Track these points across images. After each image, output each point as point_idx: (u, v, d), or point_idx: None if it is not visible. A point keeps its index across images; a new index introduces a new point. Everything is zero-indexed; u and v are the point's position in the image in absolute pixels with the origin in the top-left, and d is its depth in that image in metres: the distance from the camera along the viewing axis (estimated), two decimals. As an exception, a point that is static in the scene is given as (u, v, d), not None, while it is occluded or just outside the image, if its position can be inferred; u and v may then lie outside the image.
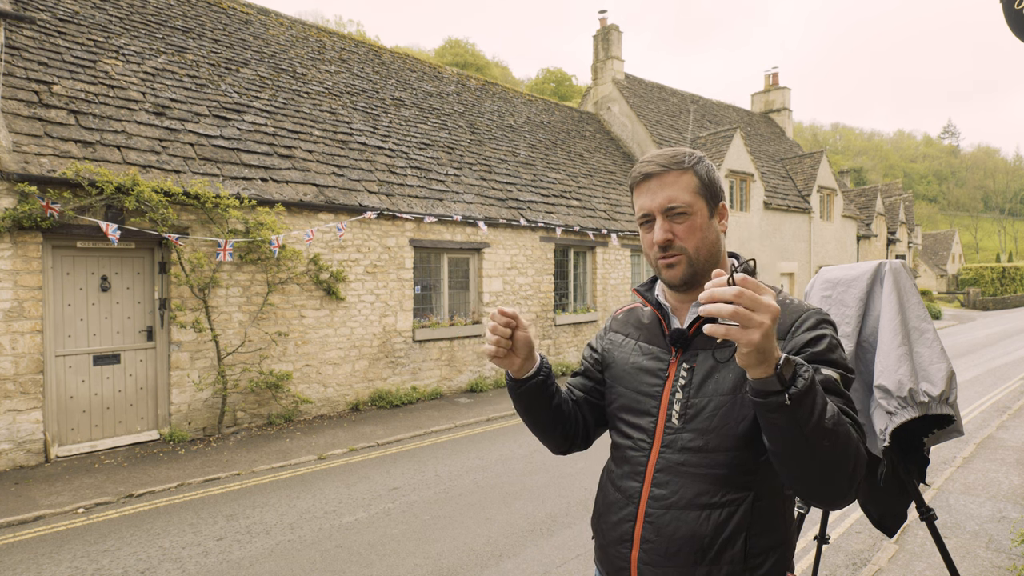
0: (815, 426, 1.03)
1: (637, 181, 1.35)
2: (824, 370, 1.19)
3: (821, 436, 1.04)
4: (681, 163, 1.32)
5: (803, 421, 1.02)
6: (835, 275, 2.62)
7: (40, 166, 6.06)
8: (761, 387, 1.02)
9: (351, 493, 5.37)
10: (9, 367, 5.89)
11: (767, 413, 1.04)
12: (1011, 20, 3.20)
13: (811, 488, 1.12)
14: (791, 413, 1.01)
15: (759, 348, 0.96)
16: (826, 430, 1.04)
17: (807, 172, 20.48)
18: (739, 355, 0.99)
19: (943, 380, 2.30)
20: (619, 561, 1.33)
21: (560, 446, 1.53)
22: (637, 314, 1.51)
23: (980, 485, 5.36)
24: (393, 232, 9.04)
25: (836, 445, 1.05)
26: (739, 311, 0.94)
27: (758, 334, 0.95)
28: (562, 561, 4.06)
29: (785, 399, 1.01)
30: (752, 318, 0.94)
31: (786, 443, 1.06)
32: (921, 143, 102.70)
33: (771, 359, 0.99)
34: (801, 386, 1.01)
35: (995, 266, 42.71)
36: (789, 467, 1.10)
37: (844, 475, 1.09)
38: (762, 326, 0.95)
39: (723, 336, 0.96)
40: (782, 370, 1.00)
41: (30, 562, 4.06)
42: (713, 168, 1.38)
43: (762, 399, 1.03)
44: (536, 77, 59.99)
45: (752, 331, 0.95)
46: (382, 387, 8.85)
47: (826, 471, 1.08)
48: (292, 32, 12.64)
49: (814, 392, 1.02)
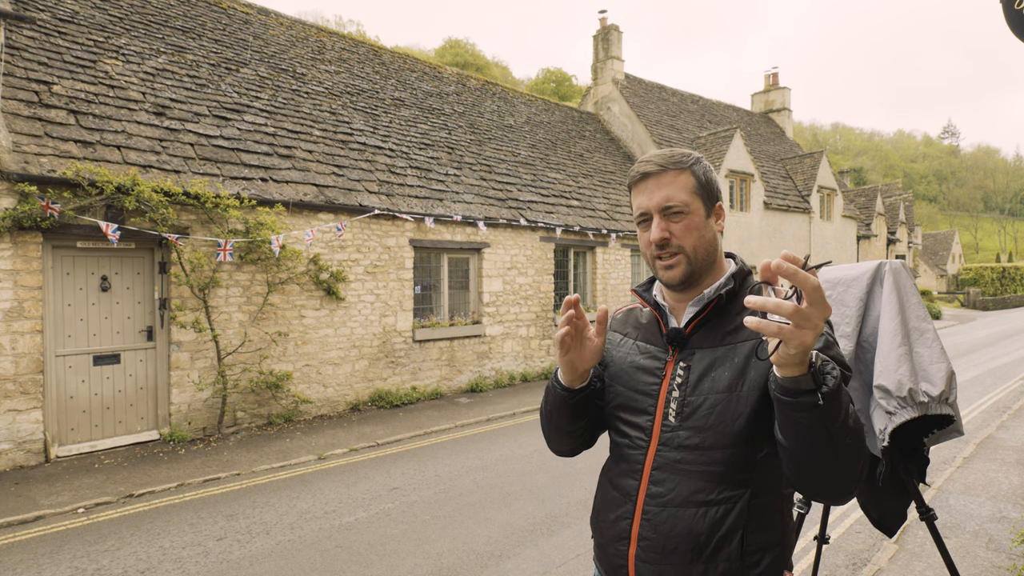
0: (841, 424, 1.02)
1: (635, 180, 1.36)
2: None
3: (844, 434, 1.03)
4: (679, 163, 1.33)
5: (830, 420, 1.01)
6: (835, 275, 2.62)
7: (40, 166, 6.06)
8: (793, 386, 1.01)
9: (351, 493, 5.37)
10: (9, 367, 5.89)
11: (795, 412, 1.02)
12: (1011, 20, 3.20)
13: (820, 484, 1.12)
14: (821, 412, 1.00)
15: (808, 349, 0.95)
16: (849, 428, 1.04)
17: (807, 172, 20.48)
18: (781, 354, 0.97)
19: (943, 380, 2.30)
20: (617, 559, 1.33)
21: (575, 450, 1.53)
22: (636, 314, 1.52)
23: (980, 485, 5.36)
24: (393, 232, 9.04)
25: (856, 443, 1.06)
26: (801, 310, 0.91)
27: (812, 336, 0.93)
28: (562, 561, 4.06)
29: (818, 399, 1.00)
30: (811, 318, 0.92)
31: (809, 441, 1.05)
32: (921, 143, 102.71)
33: (807, 359, 0.98)
34: (832, 385, 1.00)
35: (995, 266, 42.72)
36: (804, 464, 1.10)
37: (855, 472, 1.09)
38: (817, 328, 0.93)
39: (774, 334, 0.94)
40: (821, 365, 0.99)
41: (30, 562, 4.07)
42: (710, 169, 1.39)
43: (792, 398, 1.02)
44: (536, 77, 60.01)
45: (806, 332, 0.93)
46: (382, 387, 8.85)
47: (841, 468, 1.08)
48: (292, 32, 12.64)
49: (842, 390, 1.02)
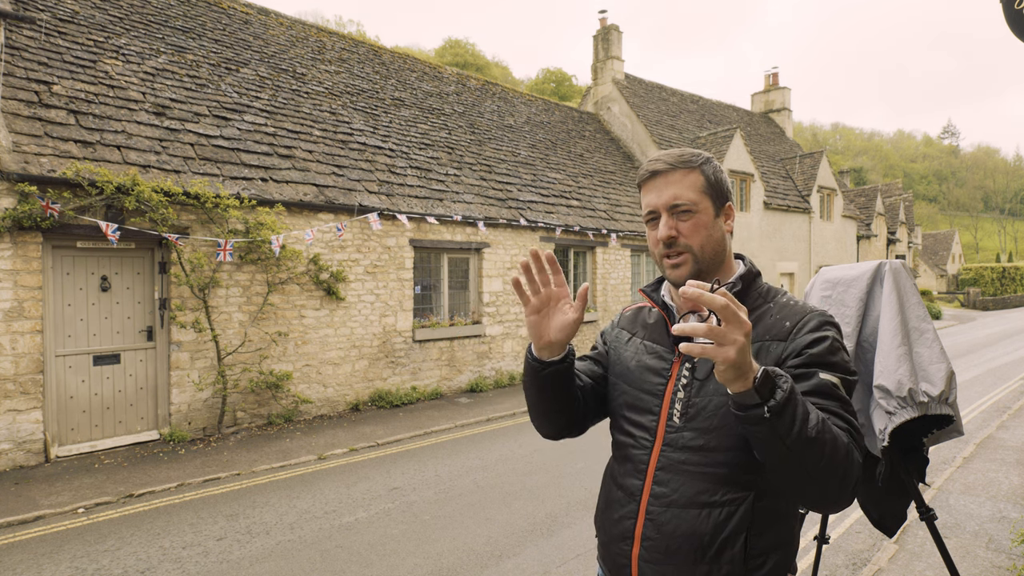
0: (796, 437, 1.04)
1: (645, 179, 1.36)
2: (822, 374, 1.19)
3: (803, 446, 1.05)
4: (688, 162, 1.33)
5: (784, 433, 1.03)
6: (835, 275, 2.62)
7: (40, 166, 6.06)
8: (741, 400, 1.05)
9: (351, 493, 5.37)
10: (9, 367, 5.89)
11: (748, 426, 1.06)
12: (1011, 20, 3.20)
13: (803, 495, 1.14)
14: (771, 425, 1.03)
15: (735, 364, 0.98)
16: (809, 439, 1.05)
17: (807, 172, 20.48)
18: (716, 371, 1.01)
19: (943, 380, 2.30)
20: (620, 558, 1.33)
21: (558, 432, 1.49)
22: (644, 314, 1.51)
23: (980, 485, 5.36)
24: (393, 232, 9.04)
25: (821, 454, 1.07)
26: (714, 329, 0.96)
27: (733, 351, 0.97)
28: (562, 561, 4.06)
29: (764, 412, 1.02)
30: (727, 335, 0.96)
31: (770, 454, 1.08)
32: (921, 143, 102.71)
33: (748, 374, 1.01)
34: (780, 398, 1.02)
35: (995, 266, 42.73)
36: (777, 475, 1.12)
37: (834, 482, 1.10)
38: (736, 343, 0.97)
39: (699, 355, 0.98)
40: (760, 384, 1.02)
41: (30, 562, 4.07)
42: (721, 169, 1.39)
43: (743, 412, 1.05)
44: (536, 77, 60.01)
45: (727, 348, 0.97)
46: (382, 387, 8.85)
47: (814, 479, 1.09)
48: (292, 32, 12.64)
49: (794, 403, 1.04)
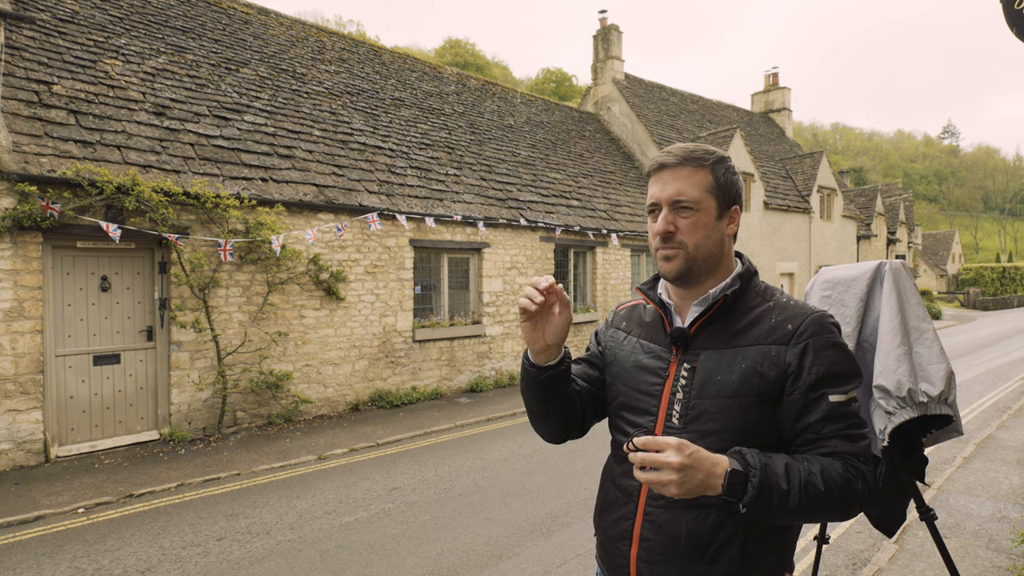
0: (779, 511, 1.12)
1: (653, 169, 1.35)
2: (832, 396, 1.21)
3: (790, 515, 1.13)
4: (700, 159, 1.31)
5: (767, 512, 1.12)
6: (835, 275, 2.62)
7: (40, 166, 6.06)
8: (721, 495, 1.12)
9: (351, 493, 5.37)
10: (9, 367, 5.89)
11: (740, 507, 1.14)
12: (1011, 20, 3.20)
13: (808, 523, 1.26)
14: (752, 511, 1.11)
15: (684, 494, 1.08)
16: (793, 510, 1.12)
17: (807, 172, 20.47)
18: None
19: (942, 380, 2.30)
20: (619, 559, 1.33)
21: (558, 436, 1.49)
22: (639, 312, 1.50)
23: (980, 485, 5.36)
24: (393, 232, 9.04)
25: (812, 512, 1.14)
26: (649, 477, 1.07)
27: (674, 488, 1.07)
28: (562, 561, 4.06)
29: (740, 508, 1.11)
30: (659, 480, 1.07)
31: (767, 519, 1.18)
32: (921, 143, 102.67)
33: (713, 484, 1.09)
34: (751, 494, 1.10)
35: (995, 266, 42.73)
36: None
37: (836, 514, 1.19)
38: (670, 483, 1.06)
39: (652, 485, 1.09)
40: (728, 488, 1.09)
41: (30, 562, 4.07)
42: (734, 171, 1.35)
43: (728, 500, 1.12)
44: (536, 77, 59.99)
45: (668, 487, 1.07)
46: (382, 387, 8.85)
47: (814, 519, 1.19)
48: (292, 32, 12.64)
49: (768, 491, 1.10)
